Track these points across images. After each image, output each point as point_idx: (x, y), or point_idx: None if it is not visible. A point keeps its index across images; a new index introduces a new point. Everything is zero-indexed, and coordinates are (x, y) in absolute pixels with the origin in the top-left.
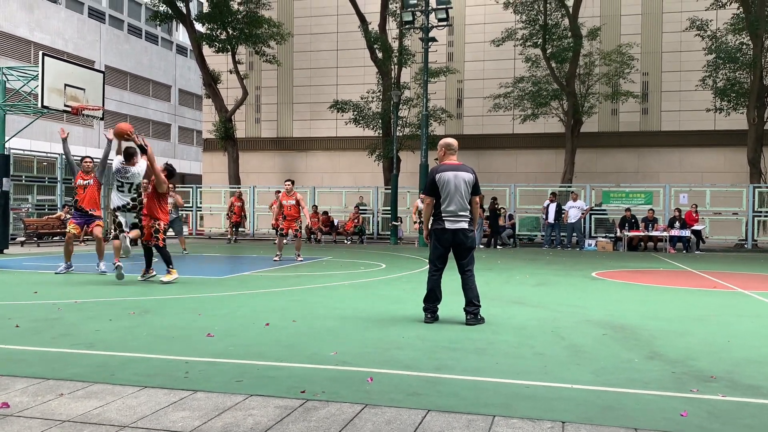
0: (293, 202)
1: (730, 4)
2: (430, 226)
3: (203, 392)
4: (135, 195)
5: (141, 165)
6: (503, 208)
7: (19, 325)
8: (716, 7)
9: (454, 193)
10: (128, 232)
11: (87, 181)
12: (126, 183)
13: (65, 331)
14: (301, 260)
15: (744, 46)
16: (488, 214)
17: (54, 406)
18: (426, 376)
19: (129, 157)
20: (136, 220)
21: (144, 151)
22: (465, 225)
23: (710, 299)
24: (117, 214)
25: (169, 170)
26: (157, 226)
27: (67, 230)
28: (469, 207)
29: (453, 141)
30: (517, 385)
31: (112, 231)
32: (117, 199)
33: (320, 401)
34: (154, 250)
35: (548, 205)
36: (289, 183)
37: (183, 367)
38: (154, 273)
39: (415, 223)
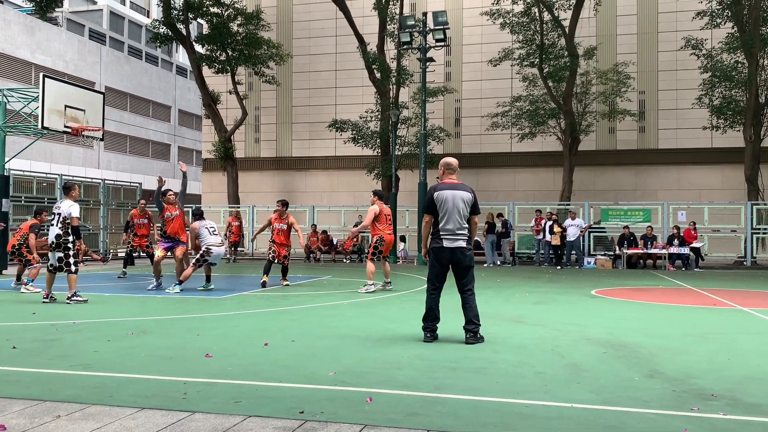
0: (284, 226)
1: (725, 23)
2: (428, 245)
3: (201, 413)
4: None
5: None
6: (500, 215)
7: (17, 346)
8: (711, 26)
9: (452, 211)
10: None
11: (174, 213)
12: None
13: (63, 352)
14: (287, 284)
15: (739, 65)
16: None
17: (51, 428)
18: (425, 395)
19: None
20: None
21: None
22: (463, 243)
23: (710, 317)
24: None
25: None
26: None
27: (156, 254)
28: (467, 226)
29: (453, 160)
30: (517, 404)
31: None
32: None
33: (319, 422)
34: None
35: (545, 224)
36: (281, 205)
37: (181, 387)
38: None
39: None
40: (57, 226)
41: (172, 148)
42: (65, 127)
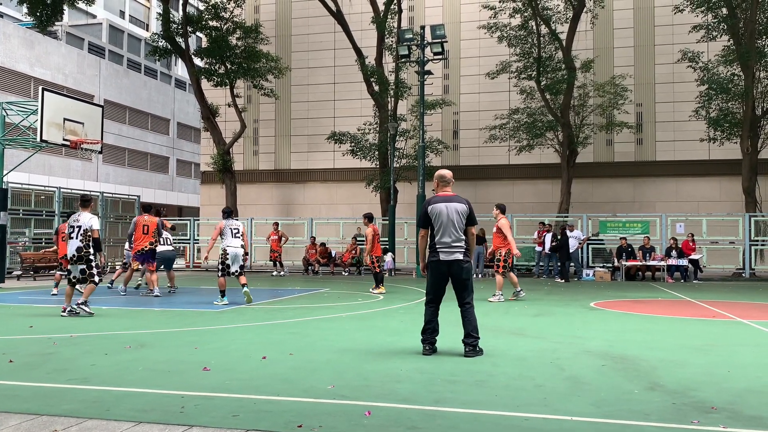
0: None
1: (721, 36)
2: (426, 259)
3: (199, 427)
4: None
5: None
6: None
7: (14, 360)
8: (707, 39)
9: (447, 224)
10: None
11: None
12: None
13: (60, 366)
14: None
15: (735, 77)
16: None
17: None
18: (425, 409)
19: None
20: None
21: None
22: (460, 256)
23: (710, 329)
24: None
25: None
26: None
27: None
28: (464, 238)
29: (447, 172)
30: (517, 417)
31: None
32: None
33: None
34: None
35: (545, 236)
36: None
37: (179, 401)
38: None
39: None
40: (77, 239)
41: (171, 161)
42: (64, 140)
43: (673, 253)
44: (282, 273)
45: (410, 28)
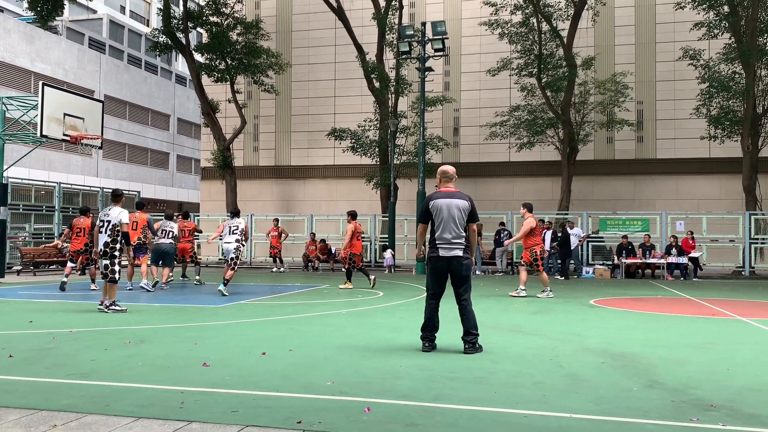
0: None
1: (722, 34)
2: (422, 250)
3: (198, 423)
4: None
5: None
6: (502, 223)
7: (13, 355)
8: (708, 37)
9: (447, 220)
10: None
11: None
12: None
13: (59, 361)
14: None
15: (737, 75)
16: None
17: None
18: (424, 405)
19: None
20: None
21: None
22: (460, 253)
23: (709, 327)
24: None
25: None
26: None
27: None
28: (464, 234)
29: (449, 168)
30: (516, 414)
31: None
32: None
33: None
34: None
35: (544, 233)
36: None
37: (178, 397)
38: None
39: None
40: (105, 233)
41: (171, 157)
42: (64, 135)
43: (673, 251)
44: (282, 269)
45: (411, 25)
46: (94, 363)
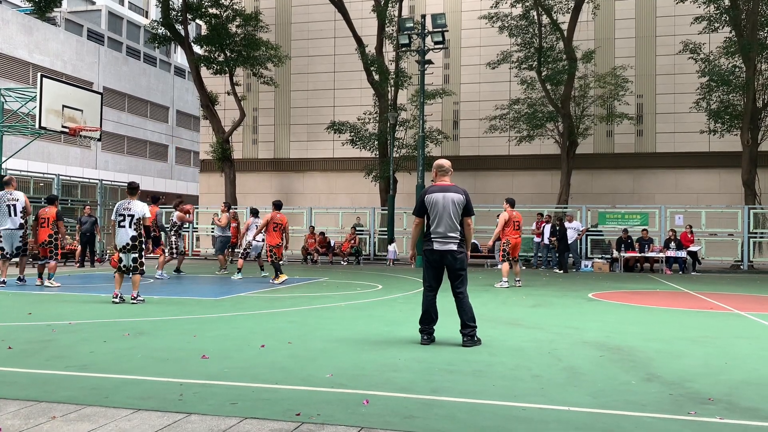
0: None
1: (723, 28)
2: (414, 248)
3: (197, 415)
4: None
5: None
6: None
7: (12, 346)
8: (709, 31)
9: (442, 213)
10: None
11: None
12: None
13: (59, 353)
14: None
15: (737, 69)
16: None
17: (46, 429)
18: (422, 398)
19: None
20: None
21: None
22: (454, 246)
23: (707, 321)
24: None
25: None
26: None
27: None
28: (459, 228)
29: (445, 162)
30: (514, 407)
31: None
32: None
33: (315, 424)
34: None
35: (543, 227)
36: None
37: (177, 389)
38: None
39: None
40: (131, 227)
41: (170, 149)
42: (63, 127)
43: (672, 244)
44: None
45: (411, 17)
46: (93, 355)
